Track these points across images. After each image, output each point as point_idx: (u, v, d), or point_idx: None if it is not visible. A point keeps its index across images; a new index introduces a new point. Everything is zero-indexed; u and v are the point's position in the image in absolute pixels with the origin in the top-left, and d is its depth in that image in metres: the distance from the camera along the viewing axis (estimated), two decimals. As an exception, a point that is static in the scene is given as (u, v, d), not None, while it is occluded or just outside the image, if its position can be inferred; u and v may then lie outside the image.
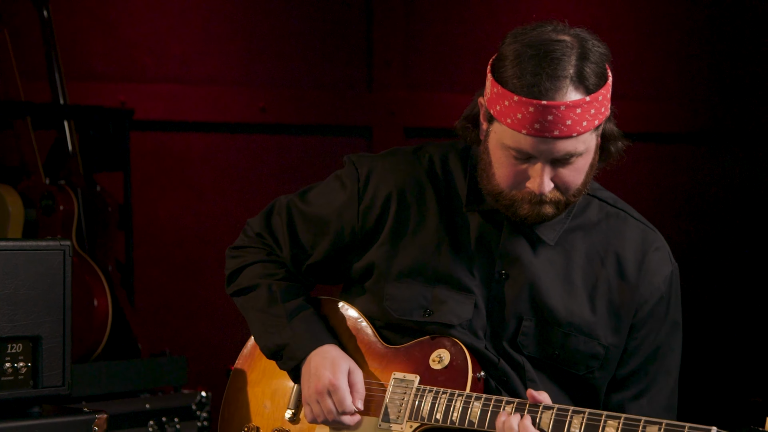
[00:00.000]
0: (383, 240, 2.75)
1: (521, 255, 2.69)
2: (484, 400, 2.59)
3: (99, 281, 4.37)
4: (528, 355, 2.68)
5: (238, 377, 2.92)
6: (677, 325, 2.75)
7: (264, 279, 2.84)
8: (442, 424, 2.62)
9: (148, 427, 4.20)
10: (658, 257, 2.74)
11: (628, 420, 2.46)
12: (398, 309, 2.73)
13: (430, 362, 2.70)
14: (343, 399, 2.68)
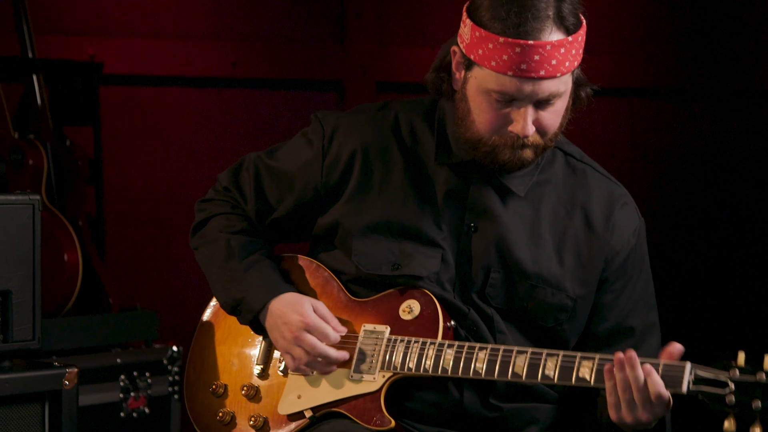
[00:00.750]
0: (349, 197, 2.76)
1: (491, 207, 2.70)
2: (457, 347, 2.61)
3: (69, 236, 4.35)
4: (496, 307, 2.70)
5: (203, 336, 2.92)
6: (650, 276, 2.78)
7: (224, 233, 2.85)
8: (415, 373, 2.63)
9: (119, 381, 4.20)
10: (626, 211, 2.76)
11: (603, 358, 2.48)
12: (366, 264, 2.73)
13: (399, 313, 2.71)
14: (323, 330, 2.68)
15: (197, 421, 2.86)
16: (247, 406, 2.81)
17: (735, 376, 2.38)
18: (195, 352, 2.91)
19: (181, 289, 5.13)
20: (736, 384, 2.38)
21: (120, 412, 4.19)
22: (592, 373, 2.51)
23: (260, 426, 2.77)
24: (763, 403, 2.35)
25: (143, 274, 5.23)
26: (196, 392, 2.88)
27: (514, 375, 2.56)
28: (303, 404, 2.74)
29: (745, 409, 2.36)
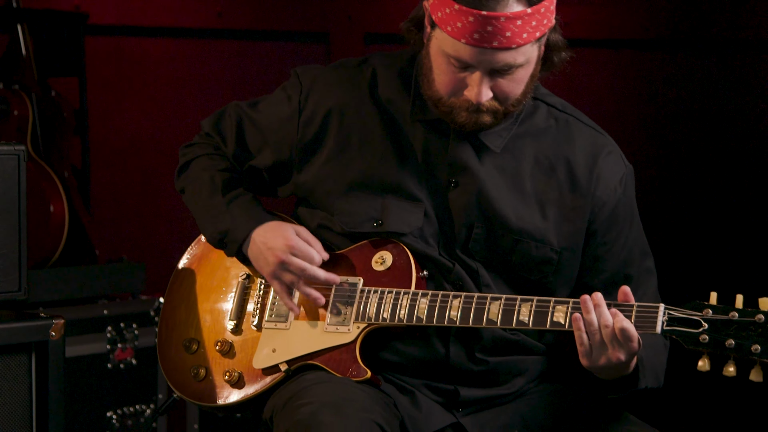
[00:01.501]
0: (328, 157, 2.76)
1: (468, 163, 2.70)
2: (431, 296, 2.62)
3: (55, 187, 4.34)
4: (481, 260, 2.70)
5: (175, 293, 2.92)
6: (640, 223, 2.79)
7: (207, 171, 2.86)
8: (390, 323, 2.64)
9: (106, 332, 4.20)
10: (611, 160, 2.75)
11: (576, 302, 2.50)
12: (349, 222, 2.74)
13: (372, 264, 2.72)
14: (308, 252, 2.69)
15: (171, 378, 2.86)
16: (222, 362, 2.81)
17: (708, 316, 2.41)
18: (166, 309, 2.92)
19: (168, 241, 5.12)
20: (710, 323, 2.41)
21: (107, 364, 4.20)
22: (567, 317, 2.52)
23: (235, 381, 2.78)
24: (736, 341, 2.38)
25: (129, 226, 5.22)
26: (168, 349, 2.88)
27: (488, 321, 2.57)
28: (278, 358, 2.74)
29: (719, 348, 2.39)
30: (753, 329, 2.38)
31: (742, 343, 2.38)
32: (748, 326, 2.38)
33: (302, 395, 2.60)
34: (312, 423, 2.48)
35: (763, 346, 2.36)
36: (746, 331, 2.38)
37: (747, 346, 2.37)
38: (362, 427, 2.49)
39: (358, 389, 2.63)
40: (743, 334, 2.38)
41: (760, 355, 2.36)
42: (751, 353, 2.37)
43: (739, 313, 2.39)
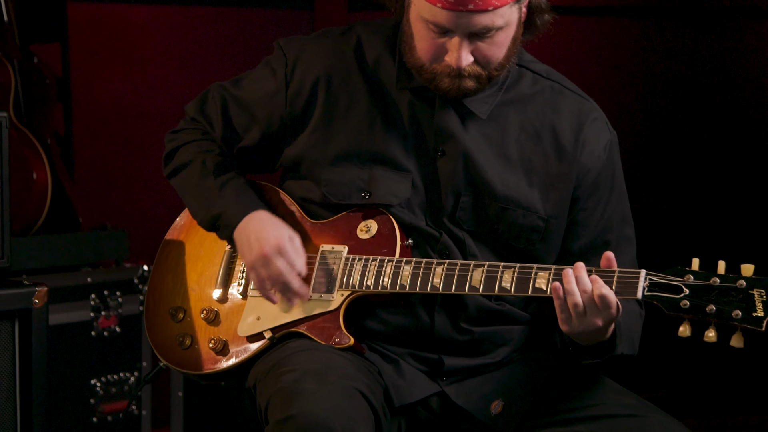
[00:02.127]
0: (315, 126, 2.75)
1: (456, 131, 2.69)
2: (414, 263, 2.62)
3: (38, 154, 4.32)
4: (468, 229, 2.70)
5: (161, 263, 2.92)
6: (624, 191, 2.79)
7: (197, 155, 2.84)
8: (374, 290, 2.64)
9: (90, 300, 4.19)
10: (596, 127, 2.75)
11: (558, 268, 2.50)
12: (336, 193, 2.73)
13: (357, 232, 2.72)
14: (294, 259, 2.68)
15: (157, 346, 2.86)
16: (207, 330, 2.81)
17: (689, 281, 2.41)
18: (154, 279, 2.92)
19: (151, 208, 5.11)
20: (691, 289, 2.41)
21: (91, 331, 4.19)
22: (548, 283, 2.52)
23: (220, 349, 2.78)
24: (717, 307, 2.38)
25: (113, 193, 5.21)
26: (155, 318, 2.88)
27: (471, 288, 2.57)
28: (262, 325, 2.74)
29: (700, 314, 2.39)
30: (734, 295, 2.38)
31: (723, 309, 2.38)
32: (730, 292, 2.38)
33: (285, 363, 2.60)
34: (294, 390, 2.48)
35: (744, 311, 2.36)
36: (727, 296, 2.38)
37: (728, 312, 2.37)
38: (345, 395, 2.49)
39: (341, 357, 2.63)
40: (724, 299, 2.38)
41: (741, 320, 2.37)
42: (731, 319, 2.37)
43: (720, 279, 2.39)
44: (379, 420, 2.58)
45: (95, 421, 4.18)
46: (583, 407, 2.64)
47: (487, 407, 2.69)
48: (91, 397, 4.18)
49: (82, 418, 4.15)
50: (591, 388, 2.69)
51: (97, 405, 4.19)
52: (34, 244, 4.13)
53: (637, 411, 2.61)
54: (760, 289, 2.36)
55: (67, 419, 4.10)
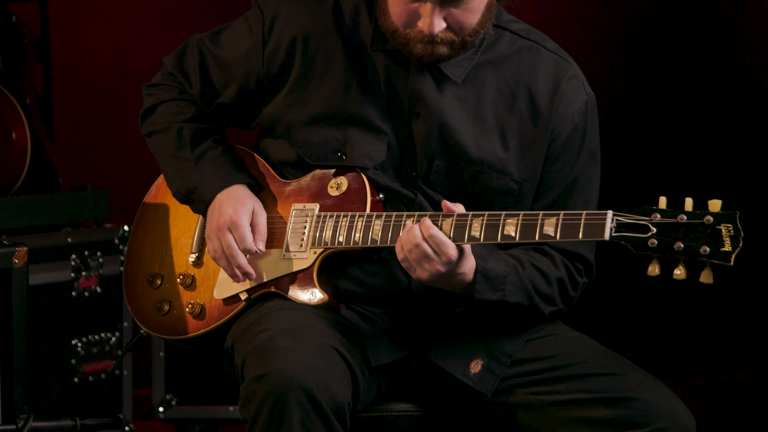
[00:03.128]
0: (291, 86, 2.74)
1: (429, 94, 2.69)
2: (385, 217, 2.62)
3: (17, 114, 4.29)
4: (442, 192, 2.70)
5: (138, 232, 2.92)
6: (594, 155, 2.77)
7: (174, 121, 2.84)
8: (345, 246, 2.65)
9: (70, 260, 4.18)
10: (572, 87, 2.74)
11: (527, 215, 2.49)
12: (312, 155, 2.73)
13: (328, 190, 2.72)
14: (243, 236, 2.68)
15: (137, 313, 2.87)
16: (184, 294, 2.81)
17: (656, 220, 2.39)
18: (132, 246, 2.92)
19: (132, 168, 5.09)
20: (658, 227, 2.39)
21: (71, 292, 4.19)
22: (517, 229, 2.50)
23: (197, 313, 2.78)
24: (684, 244, 2.36)
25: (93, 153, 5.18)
26: (134, 286, 2.89)
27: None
28: (237, 287, 2.75)
29: (668, 252, 2.38)
30: (702, 231, 2.36)
31: (691, 245, 2.36)
32: (697, 228, 2.36)
33: (261, 322, 2.61)
34: (269, 348, 2.48)
35: (712, 247, 2.34)
36: (695, 233, 2.36)
37: (696, 248, 2.36)
38: (320, 352, 2.50)
39: (317, 316, 2.64)
40: (692, 236, 2.36)
41: (709, 256, 2.35)
42: (699, 255, 2.35)
43: (687, 216, 2.37)
44: (356, 378, 2.58)
45: (76, 381, 4.18)
46: (563, 366, 2.65)
47: (466, 367, 2.70)
48: (72, 357, 4.17)
49: (63, 378, 4.15)
50: (571, 348, 2.69)
51: (78, 365, 4.19)
52: (13, 205, 4.11)
53: (616, 369, 2.62)
54: (727, 224, 2.34)
55: (49, 379, 4.10)
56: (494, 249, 2.69)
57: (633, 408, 2.54)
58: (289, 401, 2.42)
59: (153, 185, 2.95)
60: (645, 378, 2.61)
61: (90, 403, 4.19)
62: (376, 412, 2.73)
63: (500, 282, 2.60)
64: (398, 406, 2.75)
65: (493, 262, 2.61)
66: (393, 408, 2.75)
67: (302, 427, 2.43)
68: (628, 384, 2.58)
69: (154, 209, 2.91)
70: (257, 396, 2.44)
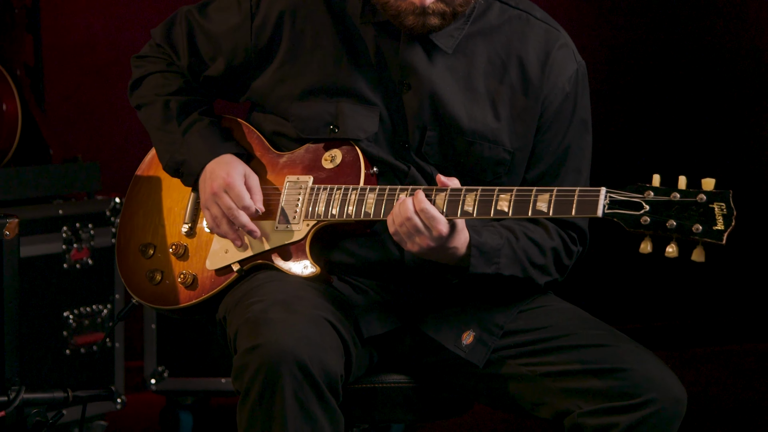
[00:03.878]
0: (281, 61, 2.74)
1: (420, 65, 2.68)
2: (378, 190, 2.62)
3: (7, 85, 4.27)
4: (435, 164, 2.70)
5: (131, 201, 2.92)
6: (585, 123, 2.77)
7: (161, 94, 2.83)
8: (338, 219, 2.64)
9: (62, 233, 4.18)
10: (562, 55, 2.74)
11: (520, 191, 2.49)
12: (304, 128, 2.73)
13: (322, 162, 2.72)
14: (240, 194, 2.68)
15: (129, 283, 2.87)
16: (176, 265, 2.81)
17: (649, 197, 2.39)
18: (125, 216, 2.92)
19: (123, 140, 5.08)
20: (651, 205, 2.39)
21: (63, 264, 4.18)
22: (510, 204, 2.50)
23: (189, 283, 2.78)
24: (677, 222, 2.36)
25: (84, 125, 5.17)
26: (126, 256, 2.88)
27: None
28: (230, 258, 2.74)
29: (660, 229, 2.37)
30: (694, 209, 2.35)
31: (683, 224, 2.36)
32: (690, 206, 2.36)
33: (253, 294, 2.60)
34: (262, 320, 2.48)
35: (704, 225, 2.34)
36: (688, 211, 2.36)
37: (688, 226, 2.35)
38: (312, 324, 2.50)
39: (310, 288, 2.63)
40: (685, 214, 2.36)
41: (702, 234, 2.34)
42: (692, 233, 2.35)
43: (680, 194, 2.37)
44: (349, 349, 2.58)
45: (68, 353, 4.18)
46: (554, 338, 2.65)
47: (458, 338, 2.70)
48: (63, 329, 4.17)
49: (54, 350, 4.14)
50: (563, 319, 2.69)
51: (69, 337, 4.18)
52: (4, 177, 4.10)
53: (607, 341, 2.62)
54: (720, 203, 2.34)
55: (40, 352, 4.09)
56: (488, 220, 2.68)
57: (624, 379, 2.54)
58: (281, 373, 2.42)
59: (147, 155, 2.95)
60: (636, 349, 2.61)
61: (82, 375, 4.19)
62: (368, 384, 2.73)
63: (495, 255, 2.60)
64: (390, 377, 2.75)
65: (487, 235, 2.61)
66: (385, 379, 2.75)
67: (295, 398, 2.43)
68: (619, 355, 2.59)
69: (147, 179, 2.91)
70: (250, 368, 2.44)
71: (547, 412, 2.62)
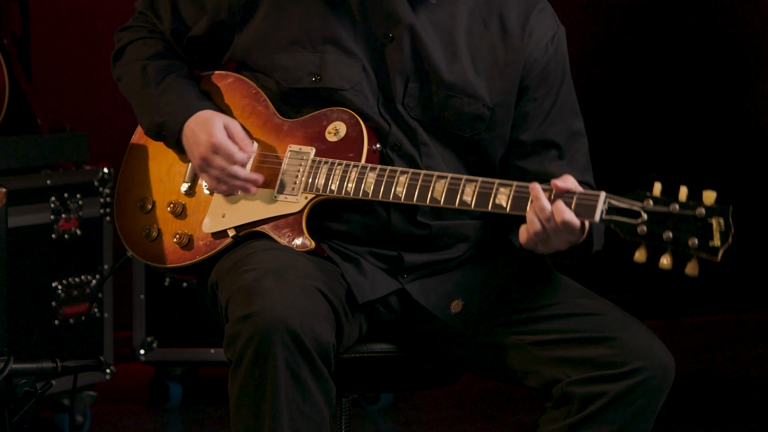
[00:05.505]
0: (264, 13, 2.73)
1: (405, 16, 2.68)
2: (379, 170, 2.61)
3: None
4: (416, 118, 2.69)
5: (134, 153, 2.90)
6: (572, 87, 2.77)
7: (139, 60, 2.82)
8: (337, 195, 2.63)
9: (50, 203, 4.16)
10: (544, 17, 2.75)
11: (520, 186, 2.48)
12: (288, 78, 2.71)
13: (326, 134, 2.70)
14: (229, 152, 2.67)
15: (125, 236, 2.86)
16: (173, 223, 2.80)
17: (648, 207, 2.37)
18: (125, 169, 2.90)
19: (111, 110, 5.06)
20: (649, 214, 2.36)
21: (51, 234, 4.17)
22: (509, 200, 2.50)
23: (184, 243, 2.77)
24: (674, 234, 2.34)
25: (72, 94, 5.15)
26: (124, 207, 2.87)
27: (432, 200, 2.56)
28: (226, 223, 2.73)
29: (656, 240, 2.35)
30: (692, 222, 2.33)
31: (680, 237, 2.33)
32: (688, 219, 2.33)
33: (247, 261, 2.60)
34: (254, 288, 2.47)
35: (700, 240, 2.32)
36: (685, 224, 2.33)
37: (684, 240, 2.33)
38: (304, 293, 2.49)
39: (302, 257, 2.63)
40: (682, 227, 2.33)
41: (697, 249, 2.32)
42: (688, 247, 2.33)
43: (680, 206, 2.34)
44: (340, 319, 2.58)
45: (57, 323, 4.17)
46: (543, 306, 2.65)
47: (447, 306, 2.69)
48: (52, 299, 4.16)
49: (43, 320, 4.14)
50: (551, 288, 2.69)
51: (58, 308, 4.18)
52: (-9, 147, 4.09)
53: (596, 309, 2.62)
54: (719, 218, 2.31)
55: (29, 322, 4.09)
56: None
57: (612, 347, 2.54)
58: (273, 342, 2.41)
59: None
60: (625, 318, 2.61)
61: (70, 345, 4.19)
62: (358, 353, 2.73)
63: (597, 232, 2.58)
64: (379, 346, 2.75)
65: None
66: (374, 348, 2.75)
67: (287, 367, 2.42)
68: (607, 324, 2.58)
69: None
70: (242, 336, 2.44)
71: (536, 381, 2.62)
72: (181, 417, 4.61)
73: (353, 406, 2.95)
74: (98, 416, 4.44)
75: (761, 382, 5.02)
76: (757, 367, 5.20)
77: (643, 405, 2.54)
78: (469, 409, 4.65)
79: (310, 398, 2.45)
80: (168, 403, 4.63)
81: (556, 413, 2.59)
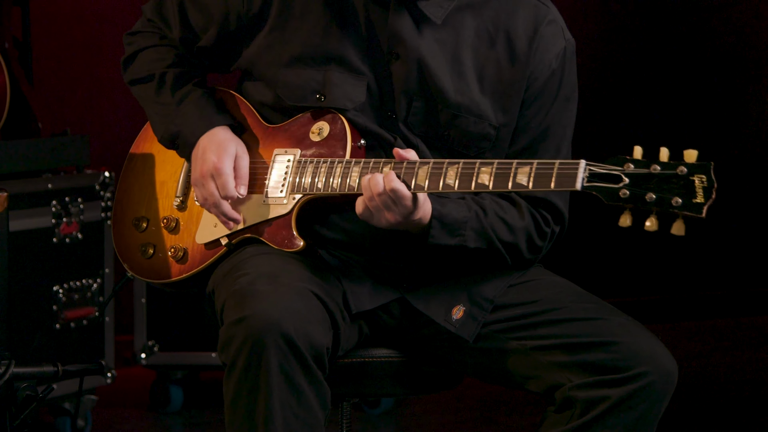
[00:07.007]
0: (270, 27, 2.73)
1: (408, 35, 2.67)
2: (363, 163, 2.61)
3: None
4: (420, 135, 2.69)
5: (128, 173, 2.92)
6: (569, 100, 2.75)
7: (155, 68, 2.82)
8: (324, 192, 2.64)
9: (51, 207, 4.16)
10: (551, 32, 2.72)
11: (501, 164, 2.48)
12: (291, 96, 2.72)
13: (310, 135, 2.71)
14: (225, 183, 2.68)
15: (123, 256, 2.88)
16: (168, 238, 2.81)
17: (629, 170, 2.35)
18: (121, 189, 2.92)
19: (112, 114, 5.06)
20: (630, 177, 2.34)
21: (52, 238, 4.17)
22: (491, 177, 2.49)
23: (180, 257, 2.79)
24: (657, 195, 2.32)
25: (73, 98, 5.15)
26: (121, 229, 2.89)
27: (417, 187, 2.56)
28: (218, 232, 2.75)
29: (639, 202, 2.33)
30: (675, 182, 2.30)
31: (663, 197, 2.31)
32: (670, 179, 2.30)
33: (241, 267, 2.61)
34: (248, 292, 2.48)
35: (684, 198, 2.30)
36: (668, 184, 2.30)
37: (668, 199, 2.30)
38: (298, 296, 2.50)
39: (296, 261, 2.63)
40: (665, 187, 2.31)
41: (681, 207, 2.30)
42: (671, 206, 2.30)
43: (661, 166, 2.31)
44: (336, 323, 2.58)
45: (58, 327, 4.17)
46: (544, 311, 2.64)
47: (448, 313, 2.69)
48: (53, 303, 4.16)
49: (44, 324, 4.14)
50: (553, 293, 2.69)
51: (59, 312, 4.18)
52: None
53: (598, 314, 2.62)
54: (700, 175, 2.29)
55: (30, 326, 4.09)
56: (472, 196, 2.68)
57: (615, 352, 2.54)
58: (267, 345, 2.42)
59: (142, 129, 2.94)
60: (627, 322, 2.61)
61: (72, 349, 4.18)
62: (357, 358, 2.73)
63: (459, 227, 2.59)
64: (379, 351, 2.75)
65: (452, 207, 2.60)
66: (374, 353, 2.75)
67: (281, 370, 2.43)
68: (609, 328, 2.58)
69: (142, 153, 2.91)
70: (236, 340, 2.45)
71: (538, 386, 2.62)
72: (182, 421, 4.62)
73: (354, 410, 2.95)
74: (99, 420, 4.44)
75: (761, 386, 5.01)
76: (757, 372, 5.20)
77: (646, 410, 2.53)
78: (469, 413, 4.66)
79: (304, 401, 2.46)
80: (169, 407, 4.63)
81: (558, 417, 2.59)
